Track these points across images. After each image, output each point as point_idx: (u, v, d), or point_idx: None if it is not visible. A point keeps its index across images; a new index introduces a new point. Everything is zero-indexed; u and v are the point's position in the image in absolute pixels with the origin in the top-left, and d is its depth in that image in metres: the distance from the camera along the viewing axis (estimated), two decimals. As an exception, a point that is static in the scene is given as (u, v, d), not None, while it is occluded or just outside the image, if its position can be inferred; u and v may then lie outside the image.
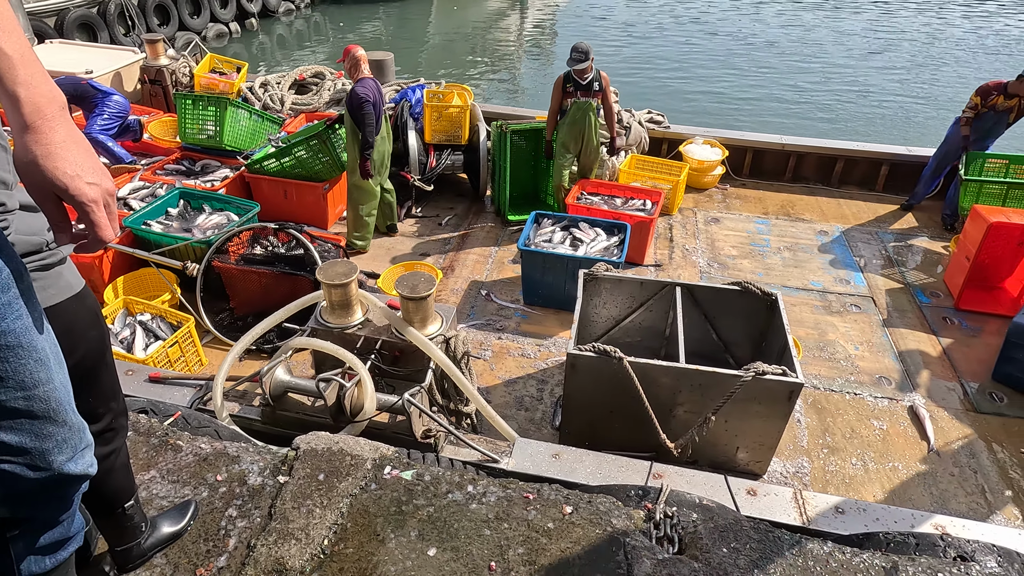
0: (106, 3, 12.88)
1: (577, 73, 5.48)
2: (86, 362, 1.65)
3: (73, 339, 1.61)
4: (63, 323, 1.57)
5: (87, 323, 1.65)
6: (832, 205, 6.90)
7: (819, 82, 13.73)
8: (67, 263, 1.63)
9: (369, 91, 4.96)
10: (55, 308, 1.57)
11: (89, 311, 1.67)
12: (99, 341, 1.70)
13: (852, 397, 4.38)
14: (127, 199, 5.49)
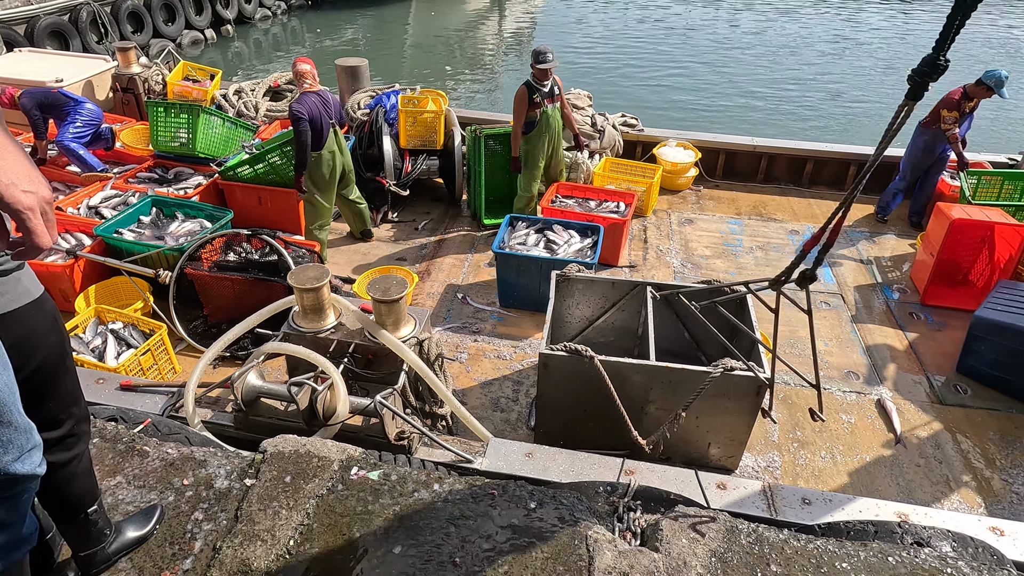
0: (78, 10, 12.73)
1: (540, 80, 5.47)
2: (46, 367, 1.66)
3: (32, 344, 1.62)
4: (22, 328, 1.58)
5: (46, 328, 1.66)
6: (803, 205, 7.03)
7: (789, 84, 13.97)
8: (25, 269, 1.64)
9: (304, 107, 4.86)
10: (14, 314, 1.58)
11: (48, 316, 1.68)
12: (59, 346, 1.71)
13: (822, 392, 4.46)
14: (99, 208, 5.45)
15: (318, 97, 5.01)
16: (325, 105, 5.05)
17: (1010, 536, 2.72)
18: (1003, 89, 5.69)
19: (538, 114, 5.59)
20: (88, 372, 3.59)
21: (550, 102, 5.60)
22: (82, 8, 12.78)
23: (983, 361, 4.49)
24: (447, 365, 4.33)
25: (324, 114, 5.03)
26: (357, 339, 3.38)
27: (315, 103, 4.96)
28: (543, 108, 5.57)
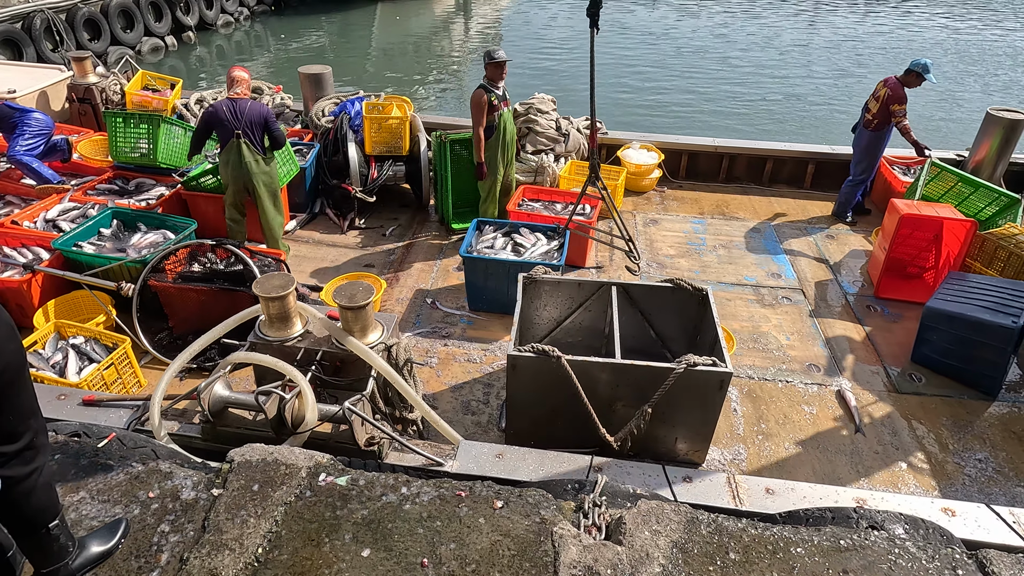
0: (31, 17, 12.42)
1: (495, 81, 5.47)
2: (5, 376, 1.65)
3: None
4: None
5: (4, 337, 1.65)
6: (764, 203, 7.21)
7: (749, 85, 14.29)
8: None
9: (214, 108, 5.02)
10: None
11: (5, 325, 1.67)
12: (17, 354, 1.70)
13: (784, 385, 4.60)
14: (56, 221, 5.33)
15: (231, 104, 5.04)
16: (233, 113, 5.02)
17: (960, 516, 2.85)
18: (930, 74, 5.98)
19: (496, 117, 5.56)
20: (49, 388, 3.52)
21: (505, 105, 5.61)
22: (36, 15, 12.47)
23: (935, 350, 4.67)
24: (417, 370, 4.35)
25: (230, 121, 5.02)
26: (325, 346, 3.38)
27: (225, 108, 5.02)
28: (500, 112, 5.57)
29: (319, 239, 6.23)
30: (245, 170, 5.11)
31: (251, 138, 5.05)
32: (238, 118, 5.00)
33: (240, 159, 5.08)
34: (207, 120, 5.06)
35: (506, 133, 5.69)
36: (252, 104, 5.07)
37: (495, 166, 5.75)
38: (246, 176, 5.14)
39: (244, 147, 5.05)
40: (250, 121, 5.03)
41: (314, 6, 20.55)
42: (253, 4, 18.94)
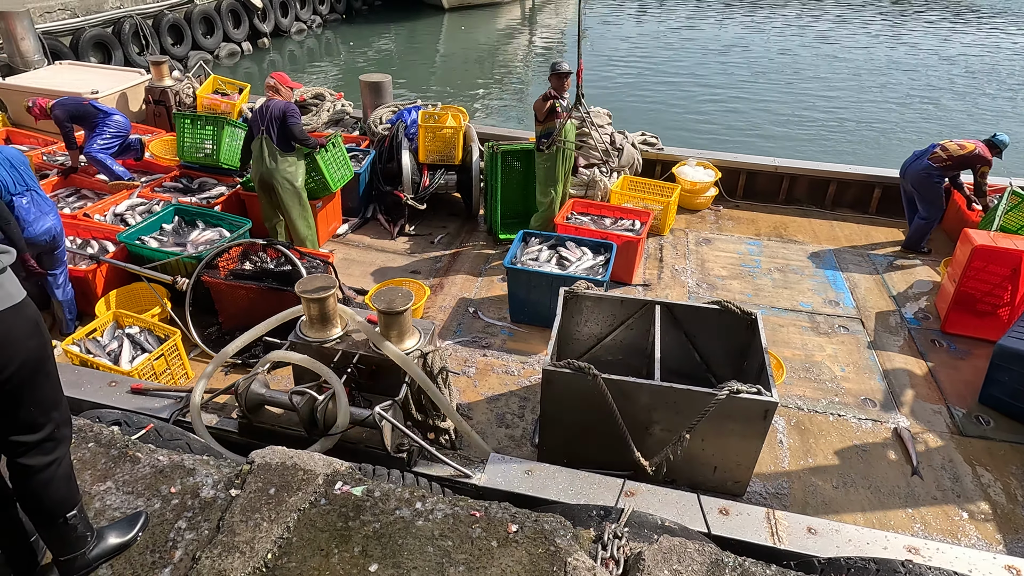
0: (121, 23, 13.19)
1: (559, 92, 5.45)
2: (24, 371, 1.70)
3: (9, 349, 1.66)
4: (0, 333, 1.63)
5: (25, 333, 1.70)
6: (825, 227, 6.92)
7: (813, 105, 13.82)
8: (7, 274, 1.69)
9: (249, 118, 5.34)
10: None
11: (28, 322, 1.72)
12: (38, 351, 1.75)
13: (836, 418, 4.37)
14: (124, 215, 5.60)
15: (262, 105, 5.25)
16: (261, 113, 5.21)
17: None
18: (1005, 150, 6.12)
19: (557, 125, 5.51)
20: (102, 375, 3.68)
21: (568, 117, 5.57)
22: (125, 21, 13.24)
23: (1006, 392, 4.34)
24: (454, 379, 4.34)
25: (257, 121, 5.23)
26: (362, 350, 3.41)
27: (256, 110, 5.26)
28: (563, 122, 5.52)
29: (369, 243, 6.33)
30: (264, 167, 5.26)
31: (271, 135, 5.19)
32: (264, 116, 5.19)
33: (261, 156, 5.25)
34: (250, 124, 5.35)
35: (566, 145, 5.64)
36: (276, 102, 5.22)
37: (553, 177, 5.71)
38: (266, 173, 5.29)
39: (264, 144, 5.21)
40: (271, 117, 5.18)
41: (383, 15, 21.13)
42: (326, 12, 19.59)
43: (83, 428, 2.67)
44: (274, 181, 5.29)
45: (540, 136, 5.60)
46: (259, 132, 5.21)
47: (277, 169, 5.27)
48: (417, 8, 21.53)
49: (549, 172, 5.73)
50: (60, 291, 4.55)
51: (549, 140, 5.58)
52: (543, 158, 5.68)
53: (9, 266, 1.71)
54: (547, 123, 5.51)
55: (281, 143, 5.22)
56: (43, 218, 4.18)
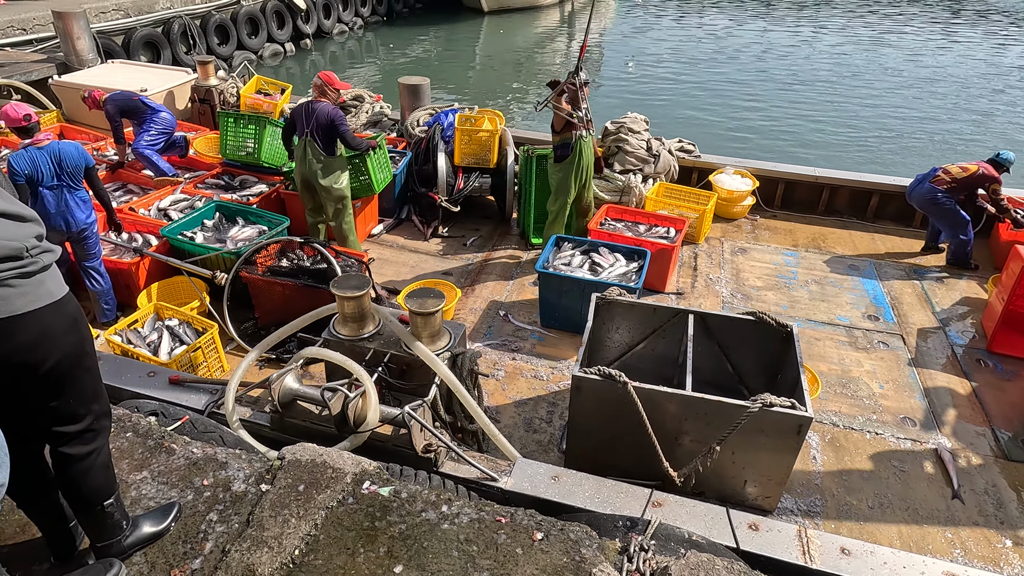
0: (171, 23, 13.59)
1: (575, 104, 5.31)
2: (63, 366, 1.75)
3: (49, 344, 1.71)
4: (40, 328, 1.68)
5: (64, 329, 1.76)
6: (865, 240, 6.75)
7: (857, 114, 13.50)
8: (51, 271, 1.74)
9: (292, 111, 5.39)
10: (33, 314, 1.68)
11: (68, 318, 1.77)
12: (76, 346, 1.80)
13: (873, 436, 4.25)
14: (168, 210, 5.76)
15: (307, 106, 5.26)
16: (306, 114, 5.23)
17: (1070, 610, 2.50)
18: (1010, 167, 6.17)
19: (572, 136, 5.40)
20: (141, 365, 3.78)
21: (585, 128, 5.45)
22: (174, 21, 13.64)
23: (1056, 416, 4.17)
24: (483, 382, 4.34)
25: (302, 122, 5.25)
26: (393, 349, 3.44)
27: (302, 109, 5.27)
28: (579, 132, 5.41)
29: (403, 244, 6.39)
30: (307, 168, 5.33)
31: (317, 139, 5.22)
32: (309, 118, 5.21)
33: (304, 157, 5.31)
34: (291, 117, 5.38)
35: (582, 157, 5.52)
36: (323, 107, 5.20)
37: (566, 187, 5.59)
38: (309, 174, 5.35)
39: (309, 147, 5.25)
40: (317, 123, 5.19)
41: (424, 17, 21.35)
42: (367, 14, 19.89)
43: (122, 418, 2.75)
44: (317, 183, 5.37)
45: (557, 147, 5.50)
46: (303, 134, 5.26)
47: (321, 172, 5.34)
48: (457, 11, 21.70)
49: (563, 182, 5.58)
50: (94, 283, 4.69)
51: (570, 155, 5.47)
52: (556, 168, 5.57)
53: (54, 263, 1.77)
54: (564, 134, 5.41)
55: (326, 147, 5.27)
56: (66, 214, 4.33)
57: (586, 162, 5.61)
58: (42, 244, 1.72)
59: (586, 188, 5.80)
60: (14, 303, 1.66)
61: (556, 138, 5.48)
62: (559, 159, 5.52)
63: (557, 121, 5.38)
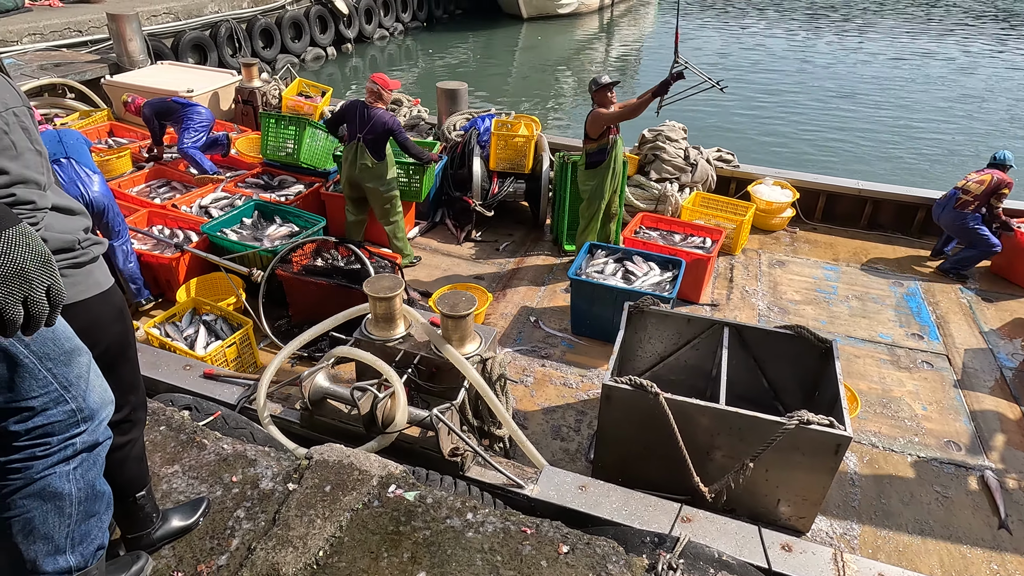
0: (218, 27, 13.96)
1: (604, 107, 5.27)
2: (108, 354, 1.79)
3: (97, 332, 1.75)
4: (89, 318, 1.72)
5: (111, 319, 1.80)
6: (910, 256, 6.54)
7: (904, 127, 13.11)
8: (99, 262, 1.78)
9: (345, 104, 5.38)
10: (83, 304, 1.72)
11: (114, 308, 1.81)
12: (122, 336, 1.84)
13: (914, 459, 4.09)
14: (208, 208, 5.89)
15: (363, 109, 5.24)
16: (362, 118, 5.22)
17: None
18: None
19: (609, 141, 5.37)
20: (178, 358, 3.85)
21: (616, 133, 5.44)
22: (221, 24, 14.01)
23: (1113, 447, 3.95)
24: (511, 387, 4.32)
25: (356, 124, 5.26)
26: (423, 351, 3.43)
27: (357, 110, 5.26)
28: (614, 137, 5.39)
29: (436, 247, 6.42)
30: (357, 172, 5.37)
31: (368, 145, 5.25)
32: (364, 124, 5.23)
33: (355, 161, 5.34)
34: (342, 111, 5.36)
35: (616, 161, 5.50)
36: (380, 116, 5.21)
37: (600, 193, 5.54)
38: (357, 177, 5.40)
39: (360, 152, 5.29)
40: (373, 130, 5.21)
41: (463, 23, 21.52)
42: (408, 20, 20.13)
43: (156, 411, 2.80)
44: (366, 186, 5.44)
45: (592, 153, 5.44)
46: (354, 138, 5.28)
47: (370, 176, 5.38)
48: (496, 17, 21.82)
49: (597, 188, 5.52)
50: (120, 262, 4.77)
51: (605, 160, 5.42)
52: (589, 175, 5.52)
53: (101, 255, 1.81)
54: (601, 140, 5.36)
55: (377, 153, 5.30)
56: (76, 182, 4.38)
57: (619, 165, 5.56)
58: (90, 236, 1.77)
59: (616, 193, 5.74)
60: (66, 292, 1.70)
61: (592, 145, 5.41)
62: (592, 165, 5.47)
63: (593, 127, 5.33)
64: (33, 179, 1.51)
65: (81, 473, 1.58)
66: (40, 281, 1.20)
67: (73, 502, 1.57)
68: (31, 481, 1.50)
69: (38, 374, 1.45)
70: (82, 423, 1.55)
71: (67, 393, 1.51)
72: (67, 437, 1.53)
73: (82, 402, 1.54)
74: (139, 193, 6.17)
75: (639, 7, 26.30)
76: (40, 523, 1.54)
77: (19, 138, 1.49)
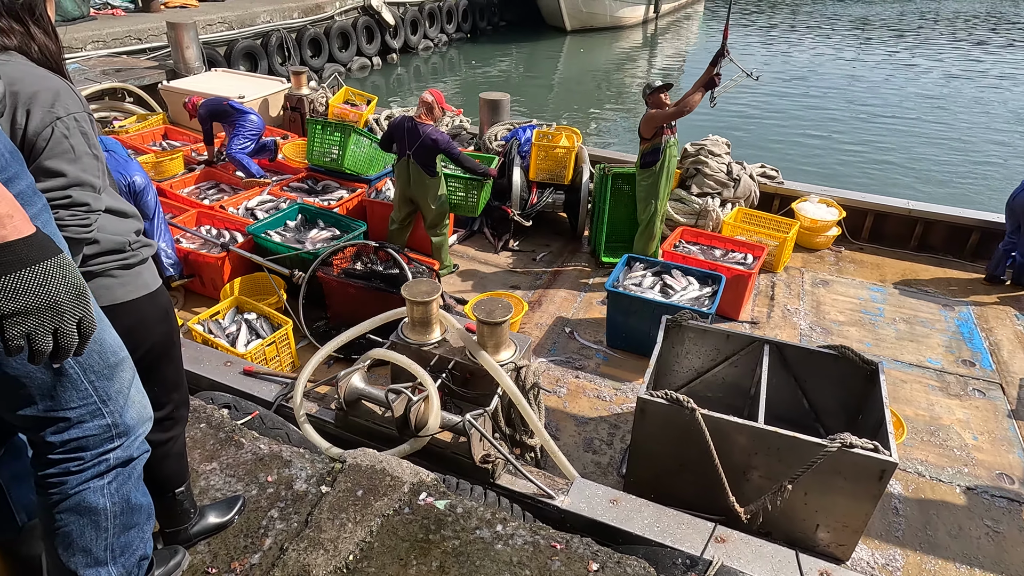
0: (269, 36, 14.40)
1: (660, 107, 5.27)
2: (153, 354, 1.85)
3: (143, 332, 1.81)
4: (136, 318, 1.78)
5: (156, 319, 1.85)
6: (963, 280, 6.30)
7: (959, 147, 12.69)
8: (148, 264, 1.84)
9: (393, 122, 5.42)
10: (131, 304, 1.78)
11: (160, 309, 1.87)
12: (166, 336, 1.89)
13: (963, 491, 3.92)
14: (255, 210, 6.05)
15: (412, 124, 5.25)
16: (410, 134, 5.24)
17: None
18: None
19: (663, 141, 5.34)
20: (220, 354, 3.94)
21: (672, 132, 5.41)
22: (272, 34, 14.44)
23: None
24: (544, 397, 4.29)
25: (404, 140, 5.28)
26: (458, 357, 3.44)
27: (405, 127, 5.28)
28: (668, 138, 5.36)
29: (473, 255, 6.45)
30: (410, 188, 5.43)
31: (419, 160, 5.28)
32: (413, 141, 5.25)
33: (408, 178, 5.40)
34: (391, 129, 5.43)
35: (671, 162, 5.48)
36: (429, 132, 5.21)
37: (656, 193, 5.51)
38: (411, 193, 5.47)
39: (411, 168, 5.33)
40: (422, 147, 5.22)
41: (507, 35, 21.72)
42: (452, 32, 20.43)
43: (197, 409, 2.86)
44: (422, 201, 5.49)
45: (646, 153, 5.44)
46: (403, 154, 5.32)
47: (424, 192, 5.43)
48: (539, 29, 21.96)
49: (651, 188, 5.51)
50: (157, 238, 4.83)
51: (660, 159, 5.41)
52: (645, 175, 5.52)
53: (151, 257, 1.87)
54: (654, 140, 5.36)
55: (427, 168, 5.34)
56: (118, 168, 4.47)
57: (673, 167, 5.53)
58: (141, 239, 1.83)
59: (667, 196, 5.71)
60: (115, 292, 1.76)
61: (646, 144, 5.41)
62: (646, 165, 5.45)
63: (647, 128, 5.31)
64: (89, 182, 1.56)
65: (116, 487, 1.59)
66: (72, 314, 1.21)
67: (108, 516, 1.59)
68: (66, 496, 1.52)
69: (80, 385, 1.47)
70: (116, 438, 1.56)
71: (104, 407, 1.52)
72: (100, 452, 1.54)
73: (118, 417, 1.55)
74: (189, 194, 6.38)
75: (683, 20, 26.19)
76: (78, 536, 1.56)
77: (78, 142, 1.55)
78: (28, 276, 1.14)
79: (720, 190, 6.60)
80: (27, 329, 1.15)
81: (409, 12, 18.34)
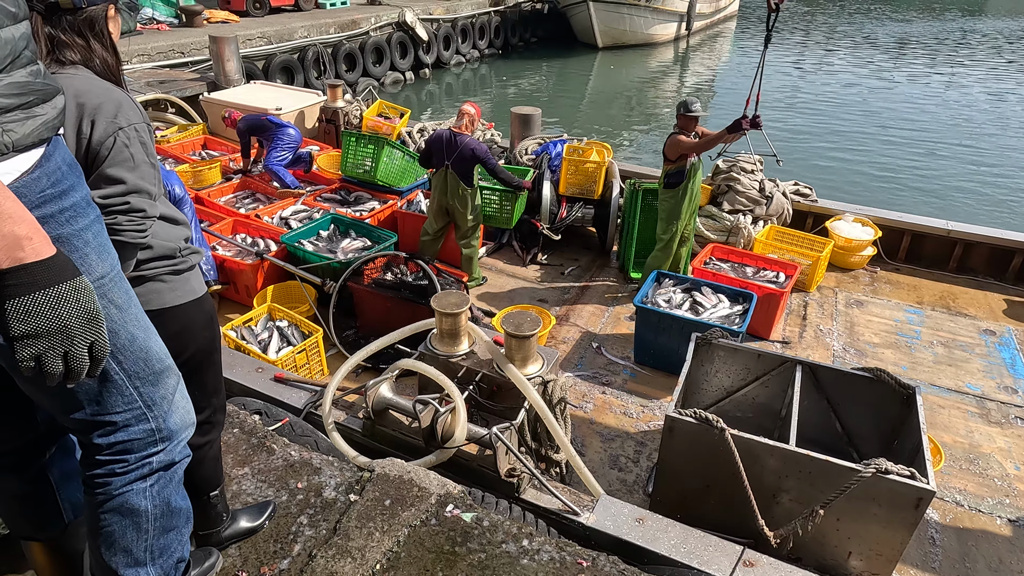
0: (306, 51, 14.75)
1: (686, 132, 5.26)
2: (196, 359, 1.89)
3: (189, 337, 1.86)
4: (182, 322, 1.83)
5: (202, 325, 1.90)
6: (1005, 303, 6.11)
7: (1002, 167, 12.36)
8: (195, 271, 1.90)
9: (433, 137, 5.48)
10: (178, 308, 1.83)
11: (205, 314, 1.92)
12: (209, 341, 1.94)
13: (1005, 523, 3.78)
14: (288, 219, 6.16)
15: (450, 136, 5.34)
16: (449, 145, 5.32)
17: None
18: None
19: (688, 164, 5.32)
20: (251, 360, 4.00)
21: (695, 156, 5.38)
22: (309, 49, 14.79)
23: None
24: (570, 412, 4.27)
25: (443, 152, 5.36)
26: (485, 369, 3.45)
27: (444, 138, 5.36)
28: (692, 160, 5.34)
29: (501, 268, 6.47)
30: (448, 199, 5.49)
31: (457, 171, 5.35)
32: (452, 151, 5.33)
33: (445, 188, 5.46)
34: (428, 144, 5.50)
35: (695, 184, 5.45)
36: (468, 142, 5.29)
37: (677, 213, 5.47)
38: (448, 204, 5.52)
39: (449, 179, 5.40)
40: (460, 156, 5.31)
41: (538, 51, 21.89)
42: (484, 47, 20.67)
43: (231, 414, 2.91)
44: (457, 211, 5.57)
45: (670, 174, 5.41)
46: (442, 165, 5.41)
47: (461, 203, 5.51)
48: (571, 46, 22.09)
49: (673, 209, 5.47)
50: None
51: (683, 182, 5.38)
52: (668, 195, 5.48)
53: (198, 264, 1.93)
54: (678, 163, 5.32)
55: (465, 178, 5.41)
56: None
57: (697, 189, 5.49)
58: (190, 246, 1.89)
59: (693, 216, 5.67)
60: (164, 297, 1.82)
61: (670, 166, 5.40)
62: (670, 186, 5.43)
63: (671, 151, 5.30)
64: (146, 189, 1.64)
65: (157, 490, 1.62)
66: (83, 338, 1.21)
67: (149, 518, 1.62)
68: (111, 497, 1.56)
69: (125, 391, 1.50)
70: (160, 443, 1.59)
71: (149, 412, 1.55)
72: (144, 456, 1.57)
73: (162, 423, 1.58)
74: (226, 203, 6.53)
75: (715, 38, 26.10)
76: (120, 536, 1.60)
77: (137, 151, 1.62)
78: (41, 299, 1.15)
79: (752, 207, 6.53)
80: (37, 351, 1.16)
81: (442, 28, 18.62)
